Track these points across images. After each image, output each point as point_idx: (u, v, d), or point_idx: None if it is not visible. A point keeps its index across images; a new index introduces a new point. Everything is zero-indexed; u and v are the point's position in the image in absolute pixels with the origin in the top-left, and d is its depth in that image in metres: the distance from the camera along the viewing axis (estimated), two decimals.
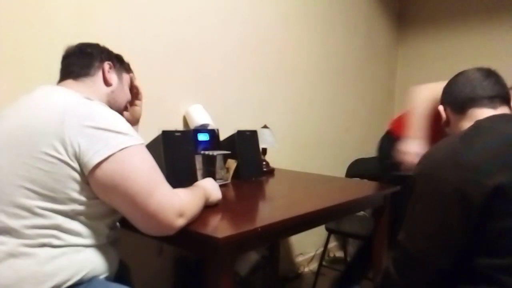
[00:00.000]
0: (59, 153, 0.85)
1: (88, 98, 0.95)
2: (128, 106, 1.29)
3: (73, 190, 0.87)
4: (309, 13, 2.57)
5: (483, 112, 1.01)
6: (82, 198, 0.88)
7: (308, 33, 2.58)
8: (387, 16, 3.37)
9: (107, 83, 1.10)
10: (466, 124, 1.01)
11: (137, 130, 1.30)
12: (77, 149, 0.85)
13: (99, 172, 0.86)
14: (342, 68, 2.92)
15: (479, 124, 0.96)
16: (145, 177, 0.88)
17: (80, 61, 1.07)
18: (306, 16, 2.55)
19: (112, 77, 1.11)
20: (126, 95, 1.20)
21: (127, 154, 0.88)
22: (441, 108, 1.14)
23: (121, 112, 1.16)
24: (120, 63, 1.18)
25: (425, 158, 0.97)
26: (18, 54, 1.34)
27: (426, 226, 0.90)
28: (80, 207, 0.88)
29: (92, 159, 0.85)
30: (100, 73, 1.09)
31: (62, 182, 0.85)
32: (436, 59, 3.29)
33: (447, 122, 1.12)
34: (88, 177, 0.87)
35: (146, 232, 0.91)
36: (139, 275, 1.49)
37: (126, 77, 1.20)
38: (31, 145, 0.85)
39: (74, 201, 0.87)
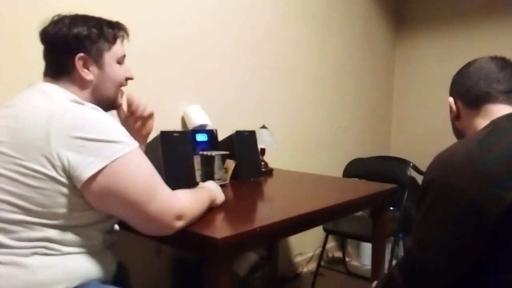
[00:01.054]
0: (46, 168, 0.81)
1: (76, 101, 0.88)
2: (138, 119, 1.20)
3: (63, 205, 0.84)
4: (308, 14, 2.57)
5: (499, 109, 0.93)
6: (74, 212, 0.86)
7: (307, 33, 2.58)
8: (386, 17, 3.38)
9: (84, 82, 0.97)
10: (480, 121, 0.95)
11: (144, 144, 1.25)
12: (66, 163, 0.81)
13: (93, 185, 0.83)
14: (341, 68, 2.92)
15: (496, 125, 0.89)
16: (142, 185, 0.86)
17: (51, 58, 0.97)
18: (304, 16, 2.55)
19: (91, 70, 0.97)
20: (115, 76, 1.03)
21: (121, 164, 0.84)
22: (451, 100, 1.04)
23: (113, 99, 1.05)
24: (98, 38, 0.98)
25: (438, 164, 0.88)
26: (18, 54, 1.34)
27: (437, 237, 0.85)
28: (72, 220, 0.86)
29: (84, 173, 0.81)
30: (75, 71, 0.95)
31: (51, 198, 0.83)
32: (435, 59, 3.30)
33: (458, 116, 1.03)
34: (81, 190, 0.84)
35: (145, 233, 0.91)
36: (138, 276, 1.49)
37: (109, 55, 1.01)
38: (17, 160, 0.82)
39: (64, 215, 0.85)
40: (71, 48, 0.95)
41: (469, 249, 0.82)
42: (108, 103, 1.04)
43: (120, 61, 1.05)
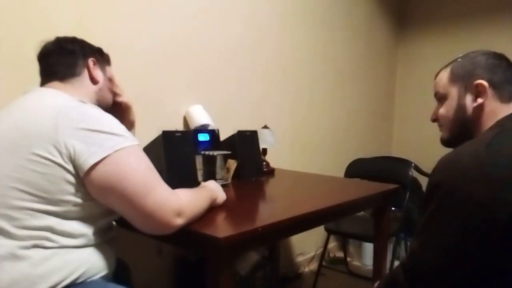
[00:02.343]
0: (53, 155, 0.85)
1: (81, 101, 0.95)
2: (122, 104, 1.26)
3: (67, 192, 0.87)
4: (310, 13, 2.58)
5: (502, 108, 0.91)
6: (76, 200, 0.88)
7: (308, 33, 2.59)
8: (388, 16, 3.37)
9: (94, 81, 1.08)
10: (492, 117, 0.92)
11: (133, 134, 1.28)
12: (71, 152, 0.85)
13: (95, 173, 0.86)
14: (342, 68, 2.92)
15: (502, 126, 0.88)
16: (141, 178, 0.88)
17: (63, 60, 1.04)
18: (306, 16, 2.55)
19: (98, 73, 1.09)
20: (110, 88, 1.18)
21: (122, 155, 0.88)
22: (484, 83, 0.93)
23: (110, 108, 1.15)
24: (101, 56, 1.14)
25: (446, 166, 0.85)
26: (18, 54, 1.35)
27: (443, 240, 0.83)
28: (74, 209, 0.88)
29: (87, 161, 0.85)
30: (85, 72, 1.07)
31: (57, 184, 0.85)
32: (437, 59, 3.29)
33: (481, 105, 0.94)
34: (83, 179, 0.87)
35: (144, 231, 0.92)
36: (139, 274, 1.50)
37: (108, 70, 1.17)
38: (25, 147, 0.85)
39: (67, 202, 0.87)
40: (85, 52, 1.08)
41: (475, 253, 0.80)
42: (105, 110, 1.05)
43: (110, 80, 1.19)
